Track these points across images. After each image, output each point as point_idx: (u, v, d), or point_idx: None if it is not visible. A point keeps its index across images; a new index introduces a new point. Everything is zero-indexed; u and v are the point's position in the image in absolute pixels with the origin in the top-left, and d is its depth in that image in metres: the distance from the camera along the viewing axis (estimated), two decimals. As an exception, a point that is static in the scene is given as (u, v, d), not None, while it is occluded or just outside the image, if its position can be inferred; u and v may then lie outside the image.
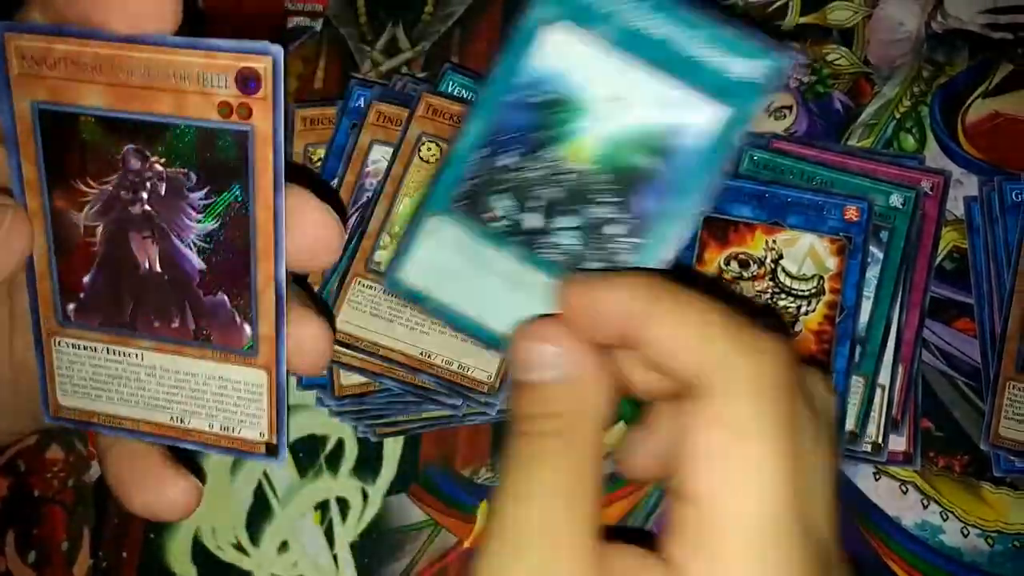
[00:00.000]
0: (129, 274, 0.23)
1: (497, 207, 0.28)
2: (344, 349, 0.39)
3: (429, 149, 0.40)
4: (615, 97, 0.26)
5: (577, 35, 0.26)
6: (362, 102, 0.41)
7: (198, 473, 0.26)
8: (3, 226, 0.21)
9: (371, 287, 0.39)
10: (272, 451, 0.24)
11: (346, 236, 0.24)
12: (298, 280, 0.26)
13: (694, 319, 0.21)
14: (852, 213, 0.38)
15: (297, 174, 0.22)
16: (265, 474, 0.41)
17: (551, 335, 0.22)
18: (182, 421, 0.24)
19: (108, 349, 0.24)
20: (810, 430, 0.21)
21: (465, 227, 0.28)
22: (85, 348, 0.24)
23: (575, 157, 0.27)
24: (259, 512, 0.41)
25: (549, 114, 0.27)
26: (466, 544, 0.39)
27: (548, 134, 0.27)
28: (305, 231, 0.23)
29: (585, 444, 0.21)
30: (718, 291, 0.23)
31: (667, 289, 0.21)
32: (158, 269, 0.23)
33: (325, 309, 0.25)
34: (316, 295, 0.39)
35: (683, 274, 0.34)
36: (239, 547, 0.40)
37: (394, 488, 0.40)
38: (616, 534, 0.21)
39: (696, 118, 0.26)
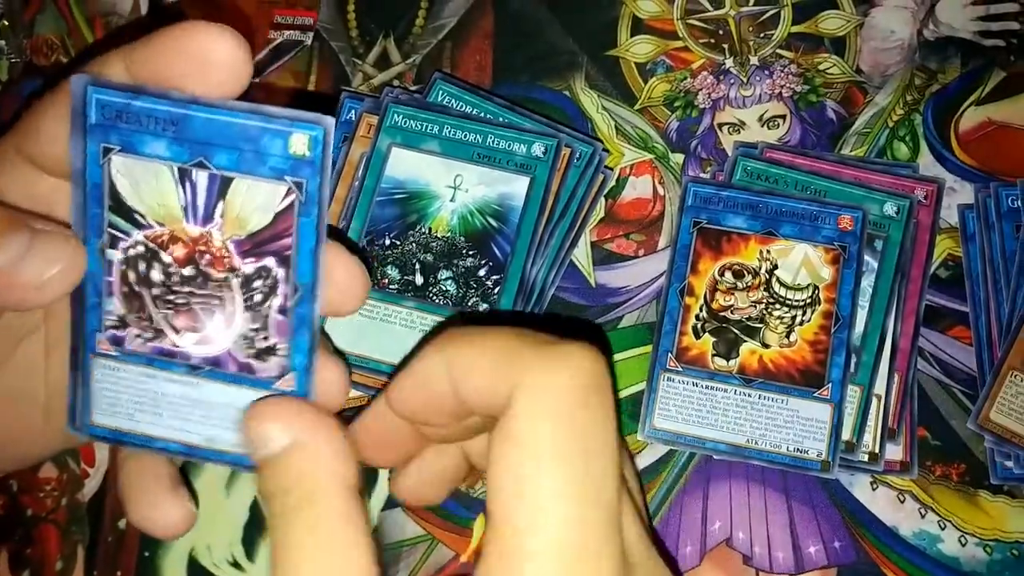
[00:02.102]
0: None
1: (387, 276, 0.39)
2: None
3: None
4: (454, 185, 0.39)
5: (413, 151, 0.40)
6: (353, 115, 0.41)
7: (193, 492, 0.28)
8: (67, 254, 0.23)
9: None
10: None
11: (370, 287, 0.26)
12: None
13: (489, 350, 0.21)
14: (846, 222, 0.38)
15: (329, 231, 0.24)
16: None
17: (271, 413, 0.23)
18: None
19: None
20: (614, 446, 0.20)
21: None
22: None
23: (438, 229, 0.39)
24: (255, 528, 0.40)
25: (410, 204, 0.40)
26: (463, 559, 0.39)
27: (413, 218, 0.39)
28: (336, 281, 0.24)
29: (336, 505, 0.21)
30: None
31: (465, 332, 0.23)
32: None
33: (340, 355, 0.27)
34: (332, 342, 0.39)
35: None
36: (235, 564, 0.40)
37: (389, 503, 0.40)
38: None
39: (512, 188, 0.39)
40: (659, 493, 0.39)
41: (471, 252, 0.39)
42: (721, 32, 0.44)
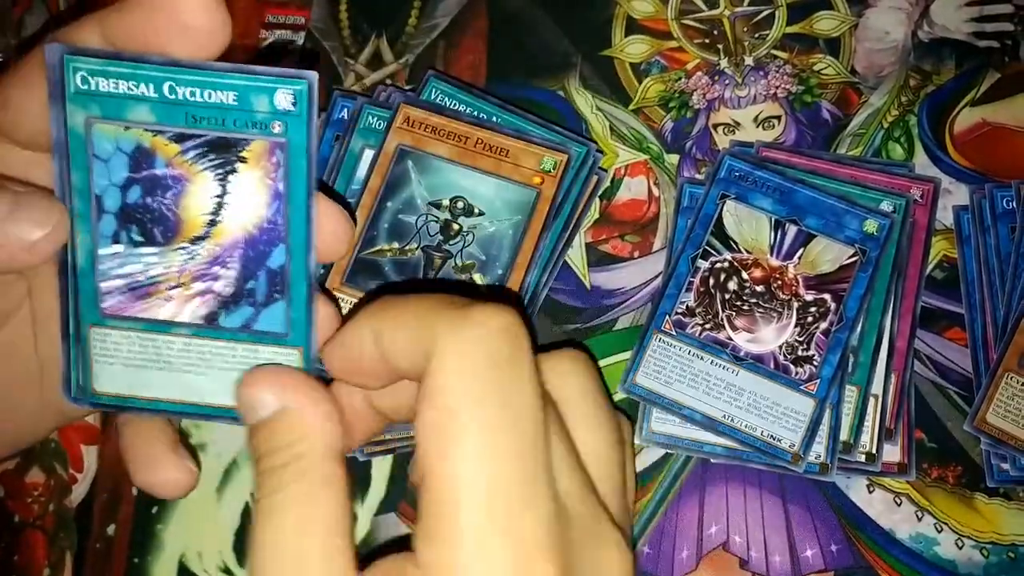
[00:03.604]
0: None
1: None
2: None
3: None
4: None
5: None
6: (345, 114, 0.41)
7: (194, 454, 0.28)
8: (54, 216, 0.24)
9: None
10: None
11: (355, 232, 0.27)
12: None
13: (411, 313, 0.22)
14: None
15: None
16: (252, 495, 0.40)
17: (263, 379, 0.23)
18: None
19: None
20: (533, 399, 0.21)
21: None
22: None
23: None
24: (246, 533, 0.40)
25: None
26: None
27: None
28: (321, 228, 0.25)
29: (318, 470, 0.22)
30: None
31: (388, 301, 0.23)
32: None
33: (331, 296, 0.29)
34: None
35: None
36: (226, 570, 0.40)
37: (383, 507, 0.40)
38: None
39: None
40: (655, 497, 0.39)
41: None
42: (716, 32, 0.44)
